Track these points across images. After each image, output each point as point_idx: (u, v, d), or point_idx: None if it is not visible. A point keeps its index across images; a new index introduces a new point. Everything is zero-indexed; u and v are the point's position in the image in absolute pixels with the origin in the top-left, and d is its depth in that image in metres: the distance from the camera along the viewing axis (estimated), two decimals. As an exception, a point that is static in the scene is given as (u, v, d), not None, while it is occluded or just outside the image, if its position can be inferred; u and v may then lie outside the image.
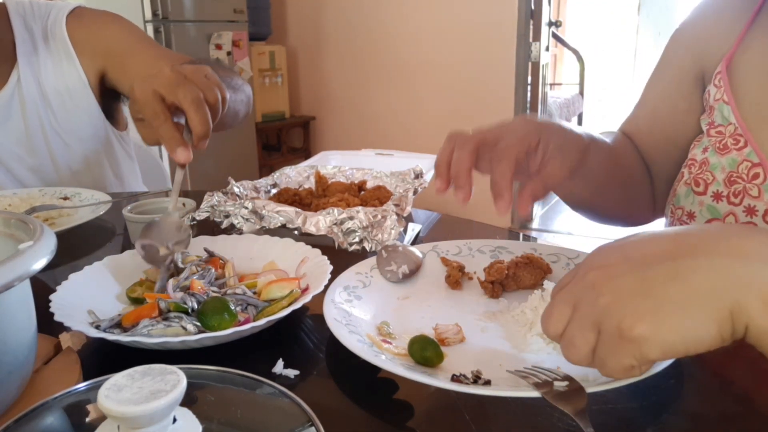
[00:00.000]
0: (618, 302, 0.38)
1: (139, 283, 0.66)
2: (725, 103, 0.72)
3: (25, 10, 1.15)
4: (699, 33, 0.80)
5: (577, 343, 0.40)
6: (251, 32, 3.58)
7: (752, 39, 0.73)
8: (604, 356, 0.39)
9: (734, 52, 0.74)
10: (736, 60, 0.74)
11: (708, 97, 0.76)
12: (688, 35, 0.82)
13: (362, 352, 0.49)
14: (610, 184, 0.77)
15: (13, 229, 0.50)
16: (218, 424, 0.37)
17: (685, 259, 0.38)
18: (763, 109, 0.70)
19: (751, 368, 0.53)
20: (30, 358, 0.46)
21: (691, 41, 0.81)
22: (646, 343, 0.37)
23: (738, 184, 0.69)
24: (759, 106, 0.70)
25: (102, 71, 1.17)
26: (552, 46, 3.76)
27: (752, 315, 0.36)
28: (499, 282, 0.66)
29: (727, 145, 0.71)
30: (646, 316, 0.37)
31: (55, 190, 1.07)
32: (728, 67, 0.74)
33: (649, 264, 0.39)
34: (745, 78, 0.72)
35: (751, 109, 0.70)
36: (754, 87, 0.71)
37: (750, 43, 0.73)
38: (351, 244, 0.77)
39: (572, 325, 0.41)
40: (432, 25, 3.43)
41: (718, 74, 0.75)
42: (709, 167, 0.72)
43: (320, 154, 1.23)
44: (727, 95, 0.72)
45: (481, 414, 0.47)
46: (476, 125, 0.61)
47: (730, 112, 0.72)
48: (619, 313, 0.38)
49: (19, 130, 1.15)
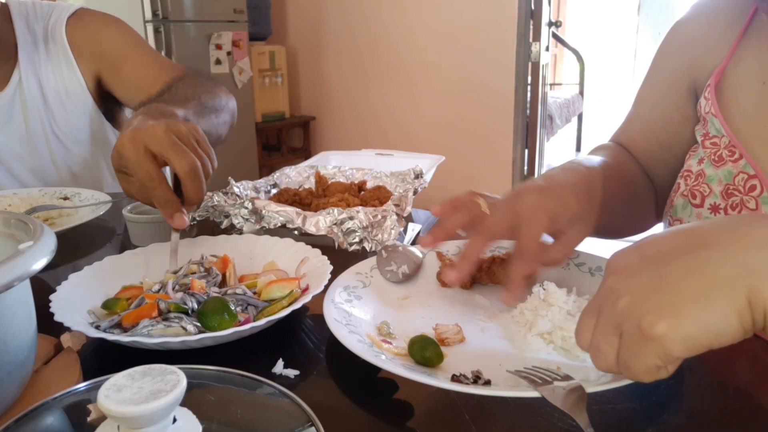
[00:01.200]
0: (636, 302, 0.38)
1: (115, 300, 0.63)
2: (714, 116, 0.73)
3: (28, 11, 1.15)
4: (691, 43, 0.80)
5: (602, 349, 0.40)
6: (251, 32, 3.58)
7: (745, 50, 0.73)
8: (628, 359, 0.38)
9: (726, 64, 0.74)
10: (729, 72, 0.73)
11: (700, 109, 0.76)
12: (681, 43, 0.82)
13: (362, 352, 0.49)
14: (619, 202, 0.76)
15: (13, 229, 0.50)
16: (218, 424, 0.37)
17: (699, 252, 0.38)
18: (755, 122, 0.69)
19: (751, 367, 0.53)
20: (30, 358, 0.46)
21: (683, 51, 0.81)
22: (667, 339, 0.36)
23: (735, 196, 0.69)
24: (752, 118, 0.70)
25: (98, 74, 1.17)
26: (552, 46, 3.76)
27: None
28: None
29: (722, 156, 0.71)
30: (666, 313, 0.36)
31: (55, 191, 1.07)
32: (719, 81, 0.74)
33: (665, 261, 0.38)
34: (737, 90, 0.72)
35: (745, 122, 0.70)
36: (747, 99, 0.71)
37: (742, 55, 0.73)
38: (351, 244, 0.77)
39: (596, 332, 0.40)
40: (432, 25, 3.43)
41: (708, 87, 0.74)
42: (705, 179, 0.72)
43: (320, 154, 1.23)
44: (714, 109, 0.72)
45: (481, 414, 0.47)
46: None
47: (720, 125, 0.72)
48: (639, 312, 0.37)
49: (20, 131, 1.15)
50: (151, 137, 0.64)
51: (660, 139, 0.83)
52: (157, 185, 0.64)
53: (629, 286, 0.39)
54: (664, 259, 0.39)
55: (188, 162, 0.64)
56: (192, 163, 0.64)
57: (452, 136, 3.48)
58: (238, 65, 3.48)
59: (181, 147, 0.65)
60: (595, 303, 0.42)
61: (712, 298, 0.36)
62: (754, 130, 0.69)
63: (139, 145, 0.64)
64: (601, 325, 0.40)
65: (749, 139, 0.69)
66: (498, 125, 3.34)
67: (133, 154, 0.63)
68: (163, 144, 0.64)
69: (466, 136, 3.43)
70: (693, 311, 0.36)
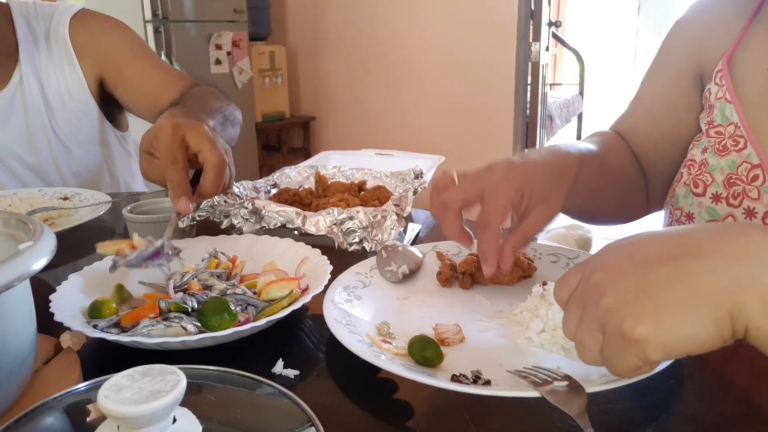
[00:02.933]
0: (620, 304, 0.38)
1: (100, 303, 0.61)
2: (728, 102, 0.72)
3: (29, 11, 1.15)
4: (698, 30, 0.79)
5: (587, 344, 0.41)
6: (251, 32, 3.58)
7: (752, 37, 0.72)
8: (610, 356, 0.39)
9: (734, 50, 0.73)
10: (736, 58, 0.73)
11: (708, 96, 0.75)
12: (687, 32, 0.81)
13: (362, 352, 0.49)
14: (602, 189, 0.76)
15: (13, 229, 0.50)
16: (218, 424, 0.37)
17: (687, 260, 0.38)
18: (763, 109, 0.69)
19: (751, 368, 0.53)
20: (30, 358, 0.46)
21: (690, 38, 0.80)
22: (647, 344, 0.37)
23: (737, 185, 0.69)
24: (759, 105, 0.70)
25: (100, 77, 1.17)
26: (552, 46, 3.76)
27: (751, 316, 0.35)
28: (469, 273, 0.67)
29: (727, 146, 0.71)
30: (648, 318, 0.37)
31: (55, 191, 1.07)
32: (729, 66, 0.73)
33: (652, 265, 0.39)
34: (745, 77, 0.72)
35: (752, 109, 0.70)
36: (755, 86, 0.70)
37: (750, 42, 0.72)
38: (351, 244, 0.77)
39: (581, 327, 0.41)
40: (432, 25, 3.43)
41: (719, 72, 0.74)
42: (708, 168, 0.72)
43: (320, 154, 1.23)
44: (729, 94, 0.72)
45: (481, 414, 0.47)
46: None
47: (733, 111, 0.71)
48: (621, 314, 0.38)
49: (20, 130, 1.15)
50: (192, 130, 0.68)
51: (662, 127, 0.83)
52: (178, 169, 0.67)
53: (615, 286, 0.39)
54: (652, 264, 0.39)
55: (219, 156, 0.67)
56: (222, 158, 0.68)
57: (452, 136, 3.48)
58: (238, 65, 3.49)
59: (216, 144, 0.69)
60: (580, 294, 0.42)
61: (694, 308, 0.36)
62: (758, 117, 0.69)
63: (178, 133, 0.67)
64: (586, 320, 0.41)
65: (757, 126, 0.69)
66: (498, 125, 3.34)
67: (169, 139, 0.66)
68: (202, 138, 0.67)
69: (466, 136, 3.43)
70: (674, 320, 0.36)
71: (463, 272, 0.67)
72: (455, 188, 0.59)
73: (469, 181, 0.59)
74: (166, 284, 0.63)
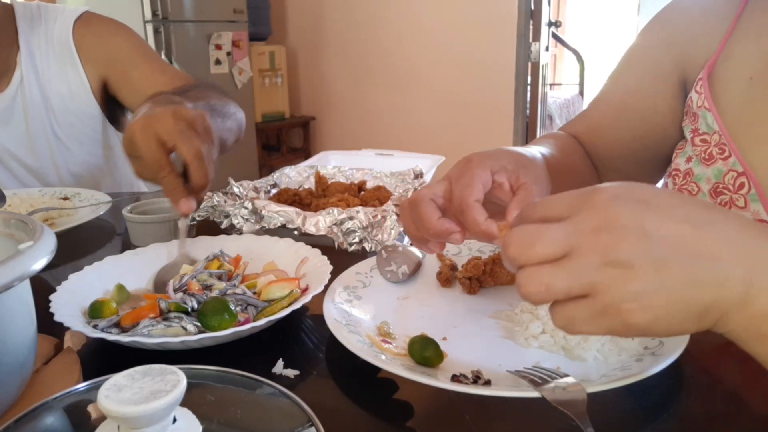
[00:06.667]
0: (627, 283, 0.36)
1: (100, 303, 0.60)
2: (707, 110, 0.71)
3: (32, 13, 1.15)
4: (681, 34, 0.78)
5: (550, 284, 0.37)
6: (251, 32, 3.58)
7: (734, 44, 0.72)
8: (578, 316, 0.37)
9: (717, 58, 0.73)
10: (719, 66, 0.72)
11: (691, 104, 0.75)
12: (669, 33, 0.79)
13: (362, 352, 0.49)
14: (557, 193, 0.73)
15: (13, 229, 0.50)
16: (218, 424, 0.37)
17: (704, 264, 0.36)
18: (745, 117, 0.68)
19: (750, 368, 0.53)
20: (30, 358, 0.46)
21: (672, 41, 0.79)
22: (635, 328, 0.36)
23: (724, 195, 0.68)
24: (741, 113, 0.69)
25: (104, 79, 1.18)
26: (552, 46, 3.76)
27: None
28: (476, 278, 0.66)
29: (713, 154, 0.70)
30: (649, 310, 0.36)
31: (55, 191, 1.07)
32: (710, 74, 0.73)
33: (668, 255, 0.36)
34: (727, 85, 0.71)
35: (734, 117, 0.69)
36: (737, 94, 0.70)
37: (732, 49, 0.72)
38: (351, 244, 0.77)
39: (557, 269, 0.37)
40: (432, 25, 3.43)
41: (699, 80, 0.73)
42: (693, 178, 0.71)
43: (320, 154, 1.23)
44: (708, 103, 0.71)
45: (481, 414, 0.47)
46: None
47: (714, 120, 0.70)
48: (625, 293, 0.36)
49: (20, 131, 1.15)
50: (160, 124, 0.67)
51: (634, 127, 0.80)
52: (166, 174, 0.67)
53: (624, 260, 0.36)
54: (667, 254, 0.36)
55: (195, 147, 0.67)
56: (198, 149, 0.67)
57: (452, 136, 3.48)
58: (237, 65, 3.49)
59: (188, 133, 0.67)
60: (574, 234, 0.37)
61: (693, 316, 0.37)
62: (740, 126, 0.68)
63: (149, 133, 0.66)
64: (569, 268, 0.37)
65: (739, 134, 0.68)
66: (498, 125, 3.34)
67: (143, 143, 0.66)
68: (171, 131, 0.66)
69: (466, 136, 3.43)
70: (672, 319, 0.37)
71: (470, 277, 0.66)
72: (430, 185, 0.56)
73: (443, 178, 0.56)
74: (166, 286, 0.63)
